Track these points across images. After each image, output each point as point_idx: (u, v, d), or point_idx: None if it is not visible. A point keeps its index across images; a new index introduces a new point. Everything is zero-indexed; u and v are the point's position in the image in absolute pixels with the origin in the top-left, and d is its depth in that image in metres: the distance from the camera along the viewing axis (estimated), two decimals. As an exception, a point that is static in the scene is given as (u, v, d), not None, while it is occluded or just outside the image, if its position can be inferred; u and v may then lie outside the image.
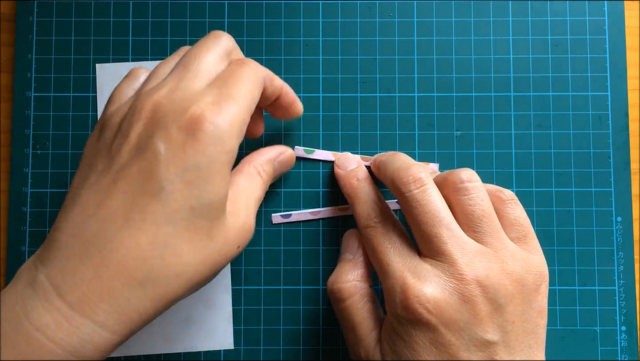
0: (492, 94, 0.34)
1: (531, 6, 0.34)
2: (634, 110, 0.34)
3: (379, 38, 0.34)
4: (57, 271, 0.21)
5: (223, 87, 0.23)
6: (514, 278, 0.25)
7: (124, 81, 0.27)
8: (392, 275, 0.25)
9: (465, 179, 0.26)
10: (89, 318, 0.20)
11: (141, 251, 0.21)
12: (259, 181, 0.28)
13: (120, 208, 0.21)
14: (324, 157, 0.33)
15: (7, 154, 0.34)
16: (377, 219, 0.28)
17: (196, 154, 0.21)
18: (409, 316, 0.24)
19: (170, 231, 0.21)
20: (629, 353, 0.33)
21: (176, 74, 0.24)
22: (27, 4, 0.34)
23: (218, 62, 0.25)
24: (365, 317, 0.27)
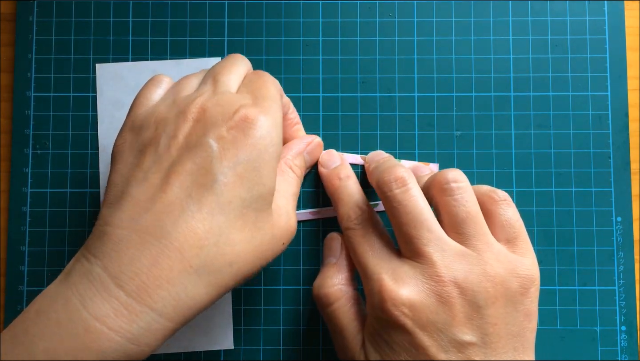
0: (492, 94, 0.34)
1: (531, 6, 0.34)
2: (634, 110, 0.34)
3: (379, 38, 0.34)
4: (114, 262, 0.21)
5: (255, 91, 0.26)
6: (497, 281, 0.24)
7: (149, 85, 0.28)
8: (370, 277, 0.25)
9: (452, 179, 0.26)
10: (147, 306, 0.21)
11: (198, 239, 0.22)
12: (293, 176, 0.29)
13: (176, 200, 0.22)
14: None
15: (7, 154, 0.34)
16: (356, 220, 0.28)
17: (246, 148, 0.23)
18: (387, 319, 0.24)
19: (223, 220, 0.22)
20: (629, 353, 0.33)
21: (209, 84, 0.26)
22: (27, 4, 0.34)
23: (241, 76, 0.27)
24: (351, 320, 0.27)
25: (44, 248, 0.33)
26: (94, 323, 0.20)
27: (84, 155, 0.34)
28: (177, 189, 0.22)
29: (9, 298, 0.33)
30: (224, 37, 0.34)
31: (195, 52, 0.34)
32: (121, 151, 0.25)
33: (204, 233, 0.22)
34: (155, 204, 0.22)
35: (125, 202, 0.23)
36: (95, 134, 0.34)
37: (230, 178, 0.23)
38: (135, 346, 0.21)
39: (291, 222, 0.26)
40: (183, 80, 0.27)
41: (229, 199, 0.23)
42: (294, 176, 0.29)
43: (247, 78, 0.27)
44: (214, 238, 0.22)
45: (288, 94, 0.34)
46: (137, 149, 0.24)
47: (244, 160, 0.23)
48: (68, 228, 0.33)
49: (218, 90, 0.25)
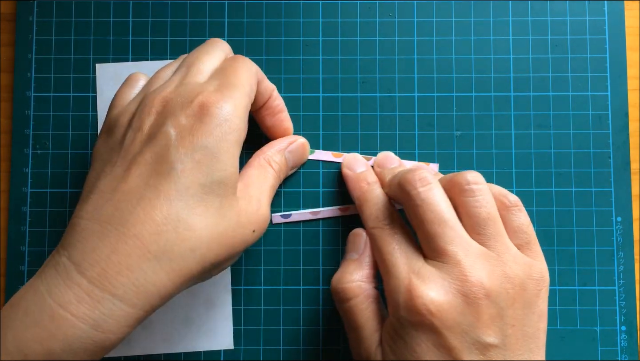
0: (492, 94, 0.34)
1: (531, 6, 0.34)
2: (634, 110, 0.34)
3: (379, 38, 0.34)
4: (77, 251, 0.22)
5: (223, 77, 0.26)
6: (516, 283, 0.24)
7: (124, 87, 0.28)
8: (396, 276, 0.25)
9: (472, 180, 0.26)
10: (108, 292, 0.21)
11: (156, 225, 0.22)
12: (270, 170, 0.29)
13: (135, 189, 0.23)
14: (323, 158, 0.33)
15: (7, 154, 0.34)
16: (385, 221, 0.28)
17: (204, 135, 0.23)
18: (412, 318, 0.24)
19: (182, 206, 0.23)
20: (629, 353, 0.33)
21: (179, 73, 0.27)
22: (27, 4, 0.34)
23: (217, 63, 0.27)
24: (368, 318, 0.27)
25: (44, 248, 0.33)
26: (58, 310, 0.21)
27: (84, 155, 0.34)
28: (136, 179, 0.23)
29: (9, 298, 0.33)
30: (224, 37, 0.34)
31: (195, 52, 0.34)
32: (97, 152, 0.26)
33: (161, 219, 0.22)
34: (115, 194, 0.23)
35: (92, 195, 0.24)
36: (95, 134, 0.34)
37: (187, 165, 0.23)
38: (99, 333, 0.21)
39: (262, 210, 0.27)
40: (157, 73, 0.28)
41: (186, 185, 0.23)
42: (272, 171, 0.29)
43: (222, 64, 0.27)
44: (172, 224, 0.22)
45: (288, 94, 0.34)
46: (109, 148, 0.25)
47: (202, 146, 0.23)
48: (68, 228, 0.33)
49: (185, 80, 0.26)
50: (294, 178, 0.34)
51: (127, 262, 0.22)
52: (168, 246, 0.22)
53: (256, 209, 0.26)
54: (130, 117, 0.26)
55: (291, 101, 0.34)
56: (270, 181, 0.29)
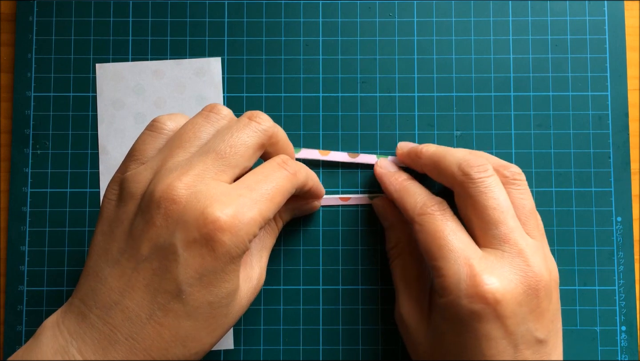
0: (492, 94, 0.34)
1: (531, 6, 0.34)
2: (634, 110, 0.34)
3: (379, 38, 0.34)
4: (89, 348, 0.22)
5: (251, 190, 0.23)
6: (553, 276, 0.25)
7: (147, 134, 0.26)
8: (455, 261, 0.24)
9: (517, 172, 0.27)
10: None
11: (165, 343, 0.22)
12: (274, 229, 0.28)
13: (143, 302, 0.22)
14: (309, 156, 0.33)
15: (7, 154, 0.34)
16: (435, 207, 0.27)
17: (213, 261, 0.22)
18: (474, 306, 0.23)
19: (191, 325, 0.22)
20: (629, 353, 0.33)
21: (205, 159, 0.23)
22: (27, 4, 0.34)
23: (254, 153, 0.24)
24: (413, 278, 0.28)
25: (44, 248, 0.33)
26: None
27: (84, 155, 0.34)
28: (144, 290, 0.22)
29: (9, 298, 0.33)
30: (224, 37, 0.34)
31: (195, 52, 0.34)
32: (107, 207, 0.24)
33: (169, 337, 0.22)
34: (124, 300, 0.22)
35: (100, 284, 0.23)
36: (95, 134, 0.34)
37: (195, 288, 0.22)
38: None
39: (260, 283, 0.26)
40: (185, 129, 0.25)
41: (195, 306, 0.22)
42: (276, 230, 0.28)
43: (265, 169, 0.24)
44: (180, 341, 0.22)
45: (288, 93, 0.34)
46: (117, 216, 0.24)
47: (210, 272, 0.22)
48: (68, 228, 0.33)
49: (208, 173, 0.23)
50: (294, 178, 0.34)
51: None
52: (175, 357, 0.23)
53: (256, 285, 0.26)
54: (143, 190, 0.23)
55: (291, 101, 0.34)
56: (270, 242, 0.28)
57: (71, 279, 0.33)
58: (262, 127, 0.25)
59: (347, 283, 0.33)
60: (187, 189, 0.22)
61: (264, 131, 0.25)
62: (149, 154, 0.25)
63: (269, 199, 0.23)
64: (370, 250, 0.33)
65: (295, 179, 0.25)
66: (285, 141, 0.27)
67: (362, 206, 0.33)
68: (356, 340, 0.33)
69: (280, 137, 0.26)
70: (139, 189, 0.23)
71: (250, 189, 0.23)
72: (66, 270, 0.33)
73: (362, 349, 0.32)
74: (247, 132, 0.24)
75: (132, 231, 0.23)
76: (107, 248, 0.23)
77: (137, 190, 0.23)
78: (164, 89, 0.34)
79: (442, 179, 0.28)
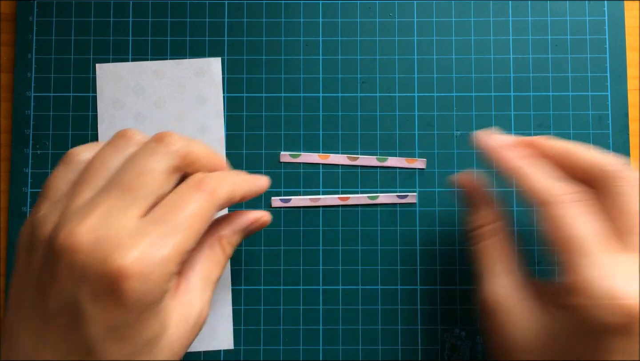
0: (492, 94, 0.34)
1: (531, 6, 0.34)
2: (634, 110, 0.34)
3: (379, 38, 0.34)
4: None
5: (159, 224, 0.20)
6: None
7: (58, 168, 0.23)
8: (597, 263, 0.21)
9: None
10: None
11: None
12: (221, 258, 0.24)
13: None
14: (308, 161, 0.33)
15: (7, 154, 0.34)
16: (577, 195, 0.23)
17: (124, 314, 0.19)
18: (610, 318, 0.21)
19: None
20: (629, 353, 0.32)
21: (110, 195, 0.21)
22: (27, 4, 0.34)
23: (167, 179, 0.22)
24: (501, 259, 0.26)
25: (44, 248, 0.33)
26: None
27: (84, 155, 0.34)
28: (55, 348, 0.20)
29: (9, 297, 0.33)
30: (224, 37, 0.34)
31: (195, 52, 0.34)
32: (19, 255, 0.22)
33: None
34: (38, 358, 0.20)
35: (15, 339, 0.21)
36: (95, 134, 0.34)
37: (108, 343, 0.20)
38: None
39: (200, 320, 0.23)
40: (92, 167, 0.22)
41: (113, 359, 0.20)
42: (223, 258, 0.24)
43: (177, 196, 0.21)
44: None
45: (288, 93, 0.34)
46: (27, 266, 0.21)
47: (123, 323, 0.19)
48: (68, 228, 0.33)
49: (113, 212, 0.20)
50: (293, 177, 0.34)
51: None
52: None
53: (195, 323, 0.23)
54: (49, 233, 0.20)
55: (291, 101, 0.34)
56: (217, 273, 0.24)
57: (71, 279, 0.33)
58: (172, 148, 0.22)
59: (347, 283, 0.33)
60: (90, 234, 0.19)
61: (175, 153, 0.22)
62: (61, 190, 0.22)
63: (183, 229, 0.20)
64: (371, 250, 0.33)
65: (215, 198, 0.22)
66: (208, 157, 0.24)
67: (361, 206, 0.33)
68: (356, 340, 0.33)
69: (198, 155, 0.23)
70: (45, 235, 0.21)
71: (158, 223, 0.20)
72: (66, 270, 0.33)
73: (362, 349, 0.32)
74: (154, 157, 0.21)
75: (40, 284, 0.20)
76: (20, 302, 0.21)
77: (44, 236, 0.21)
78: (164, 89, 0.34)
79: (574, 171, 0.25)
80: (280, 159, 0.33)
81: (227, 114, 0.34)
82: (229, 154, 0.34)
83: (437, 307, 0.33)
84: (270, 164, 0.34)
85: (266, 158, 0.34)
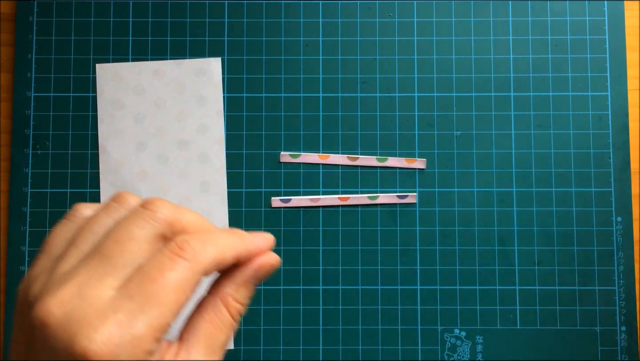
0: (492, 94, 0.34)
1: (531, 6, 0.34)
2: (634, 110, 0.34)
3: (379, 38, 0.34)
4: None
5: (132, 298, 0.19)
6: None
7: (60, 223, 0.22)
8: None
9: None
10: None
11: None
12: (227, 319, 0.22)
13: None
14: (308, 161, 0.33)
15: (7, 154, 0.34)
16: None
17: None
18: None
19: None
20: (629, 353, 0.33)
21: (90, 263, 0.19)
22: (27, 4, 0.34)
23: (149, 247, 0.20)
24: None
25: (44, 248, 0.33)
26: None
27: (84, 155, 0.34)
28: None
29: (9, 298, 0.33)
30: (224, 37, 0.34)
31: (195, 52, 0.34)
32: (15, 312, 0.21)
33: None
34: None
35: None
36: (95, 134, 0.34)
37: None
38: None
39: None
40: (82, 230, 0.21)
41: None
42: (228, 318, 0.21)
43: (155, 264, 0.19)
44: None
45: (288, 93, 0.34)
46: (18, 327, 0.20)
47: None
48: (68, 228, 0.33)
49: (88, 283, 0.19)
50: (293, 177, 0.34)
51: None
52: None
53: None
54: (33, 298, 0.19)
55: (291, 101, 0.34)
56: (223, 337, 0.21)
57: (71, 279, 0.33)
58: (157, 215, 0.20)
59: (347, 283, 0.33)
60: (61, 307, 0.18)
61: (161, 220, 0.20)
62: (58, 247, 0.21)
63: (160, 303, 0.19)
64: (371, 250, 0.33)
65: (198, 265, 0.20)
66: (198, 226, 0.22)
67: (361, 206, 0.33)
68: (356, 340, 0.33)
69: (188, 223, 0.21)
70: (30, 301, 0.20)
71: (131, 297, 0.18)
72: (66, 270, 0.33)
73: (362, 349, 0.32)
74: (137, 223, 0.20)
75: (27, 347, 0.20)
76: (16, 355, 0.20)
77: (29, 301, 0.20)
78: (164, 89, 0.34)
79: None
80: (280, 159, 0.33)
81: (227, 114, 0.34)
82: (229, 154, 0.34)
83: (437, 307, 0.33)
84: (270, 164, 0.34)
85: (266, 158, 0.34)
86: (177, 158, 0.33)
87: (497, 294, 0.33)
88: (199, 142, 0.34)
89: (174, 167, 0.33)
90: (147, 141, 0.34)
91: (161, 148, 0.34)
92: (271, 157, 0.34)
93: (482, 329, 0.33)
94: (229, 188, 0.33)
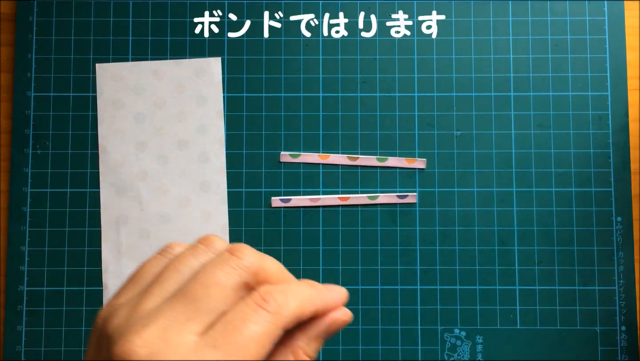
0: (492, 94, 0.34)
1: (531, 6, 0.34)
2: (634, 110, 0.34)
3: (379, 38, 0.34)
4: None
5: (217, 348, 0.19)
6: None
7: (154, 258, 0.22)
8: None
9: None
10: None
11: None
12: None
13: None
14: (309, 161, 0.33)
15: (7, 154, 0.34)
16: None
17: None
18: None
19: None
20: (629, 353, 0.33)
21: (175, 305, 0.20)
22: (27, 4, 0.34)
23: (234, 295, 0.20)
24: None
25: (44, 248, 0.33)
26: None
27: (84, 155, 0.34)
28: None
29: (9, 298, 0.33)
30: (223, 37, 0.34)
31: (195, 52, 0.34)
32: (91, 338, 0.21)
33: None
34: None
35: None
36: (95, 134, 0.34)
37: None
38: None
39: None
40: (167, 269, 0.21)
41: None
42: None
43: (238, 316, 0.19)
44: None
45: (288, 93, 0.34)
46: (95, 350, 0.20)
47: None
48: (68, 228, 0.33)
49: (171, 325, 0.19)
50: (293, 177, 0.34)
51: None
52: None
53: None
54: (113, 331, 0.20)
55: (291, 101, 0.34)
56: None
57: (71, 279, 0.33)
58: (243, 263, 0.21)
59: (347, 283, 0.33)
60: (146, 347, 0.18)
61: (247, 268, 0.21)
62: (146, 279, 0.22)
63: (244, 355, 0.19)
64: (371, 250, 0.33)
65: (281, 318, 0.20)
66: (279, 276, 0.22)
67: (361, 206, 0.33)
68: (356, 340, 0.33)
69: (271, 273, 0.22)
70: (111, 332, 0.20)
71: (215, 347, 0.19)
72: (66, 270, 0.33)
73: (362, 349, 0.32)
74: (224, 270, 0.20)
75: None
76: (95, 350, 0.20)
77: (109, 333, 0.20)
78: (164, 89, 0.34)
79: None
80: (280, 159, 0.33)
81: (227, 114, 0.34)
82: (229, 154, 0.34)
83: (437, 307, 0.33)
84: (270, 164, 0.34)
85: (266, 158, 0.34)
86: (177, 158, 0.34)
87: (497, 294, 0.33)
88: (199, 142, 0.34)
89: (174, 167, 0.33)
90: (147, 141, 0.34)
91: (161, 148, 0.34)
92: (271, 157, 0.34)
93: (482, 329, 0.33)
94: (229, 187, 0.33)
